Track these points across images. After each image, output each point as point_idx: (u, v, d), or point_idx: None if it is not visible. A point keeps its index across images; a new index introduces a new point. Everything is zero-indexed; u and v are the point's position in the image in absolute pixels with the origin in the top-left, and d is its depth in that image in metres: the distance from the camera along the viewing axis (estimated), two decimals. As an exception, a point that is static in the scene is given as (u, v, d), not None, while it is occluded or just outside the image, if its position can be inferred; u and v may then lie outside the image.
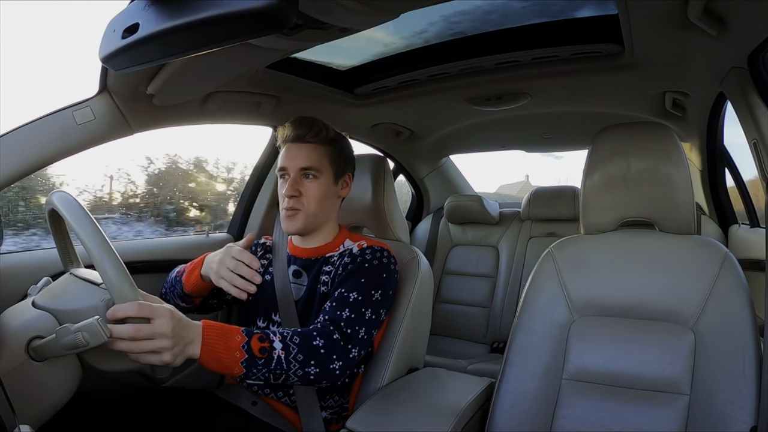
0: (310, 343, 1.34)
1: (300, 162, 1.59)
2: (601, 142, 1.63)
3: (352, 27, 1.21)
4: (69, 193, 1.22)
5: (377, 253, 1.58)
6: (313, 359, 1.33)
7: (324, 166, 1.61)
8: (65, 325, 1.04)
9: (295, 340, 1.32)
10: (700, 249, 1.48)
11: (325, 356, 1.35)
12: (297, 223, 1.60)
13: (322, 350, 1.35)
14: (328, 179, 1.63)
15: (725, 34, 1.43)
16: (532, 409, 1.48)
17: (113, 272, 1.12)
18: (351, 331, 1.42)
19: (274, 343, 1.29)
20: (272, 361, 1.27)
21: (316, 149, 1.61)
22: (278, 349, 1.29)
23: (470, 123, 2.87)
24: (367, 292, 1.49)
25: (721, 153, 2.44)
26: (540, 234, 3.37)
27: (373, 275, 1.54)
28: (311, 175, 1.60)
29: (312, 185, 1.60)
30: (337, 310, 1.45)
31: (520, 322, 1.59)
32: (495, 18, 1.84)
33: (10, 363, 1.05)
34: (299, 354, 1.31)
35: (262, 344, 1.27)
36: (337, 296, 1.49)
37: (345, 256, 1.60)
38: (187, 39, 0.94)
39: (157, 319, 1.12)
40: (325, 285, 1.59)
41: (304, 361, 1.32)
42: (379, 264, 1.57)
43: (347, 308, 1.45)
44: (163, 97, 1.64)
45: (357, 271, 1.54)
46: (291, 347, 1.31)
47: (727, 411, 1.28)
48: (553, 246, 1.65)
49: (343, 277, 1.54)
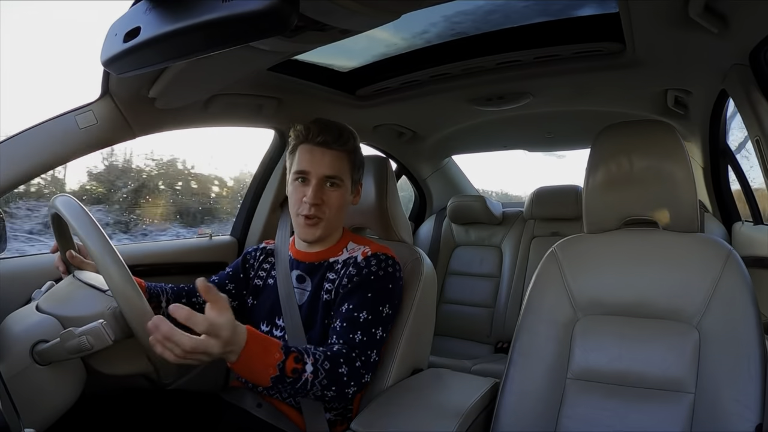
0: (337, 370, 1.34)
1: (325, 170, 1.56)
2: (604, 140, 1.63)
3: (353, 28, 1.21)
4: (73, 198, 1.22)
5: (382, 263, 1.57)
6: (335, 385, 1.33)
7: (345, 175, 1.59)
8: (69, 329, 1.05)
9: (326, 365, 1.32)
10: (703, 247, 1.47)
11: (345, 382, 1.36)
12: (317, 231, 1.58)
13: (344, 377, 1.35)
14: (347, 188, 1.61)
15: (727, 31, 1.43)
16: (536, 408, 1.48)
17: (118, 277, 1.12)
18: (365, 357, 1.42)
19: (306, 365, 1.28)
20: (299, 382, 1.27)
21: (341, 158, 1.58)
22: (308, 372, 1.28)
23: (472, 123, 2.88)
24: (375, 309, 1.48)
25: (724, 150, 2.43)
26: (543, 233, 3.37)
27: (380, 288, 1.53)
28: (335, 183, 1.57)
29: (334, 194, 1.57)
30: (349, 333, 1.44)
31: (524, 322, 1.59)
32: (496, 18, 1.84)
33: (14, 367, 1.06)
34: (325, 379, 1.31)
35: (295, 365, 1.26)
36: (345, 314, 1.48)
37: (350, 266, 1.58)
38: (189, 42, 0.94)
39: (212, 339, 1.09)
40: (329, 293, 1.58)
41: (327, 386, 1.32)
42: (385, 275, 1.55)
43: (359, 330, 1.44)
44: (165, 100, 1.64)
45: (362, 284, 1.52)
46: (320, 372, 1.30)
47: (731, 409, 1.27)
48: (556, 245, 1.65)
49: (349, 289, 1.52)
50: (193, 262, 2.19)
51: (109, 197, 3.03)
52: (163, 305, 1.62)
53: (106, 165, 3.04)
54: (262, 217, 2.48)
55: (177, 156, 3.35)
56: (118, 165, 3.09)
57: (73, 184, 2.93)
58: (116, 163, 3.08)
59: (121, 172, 3.09)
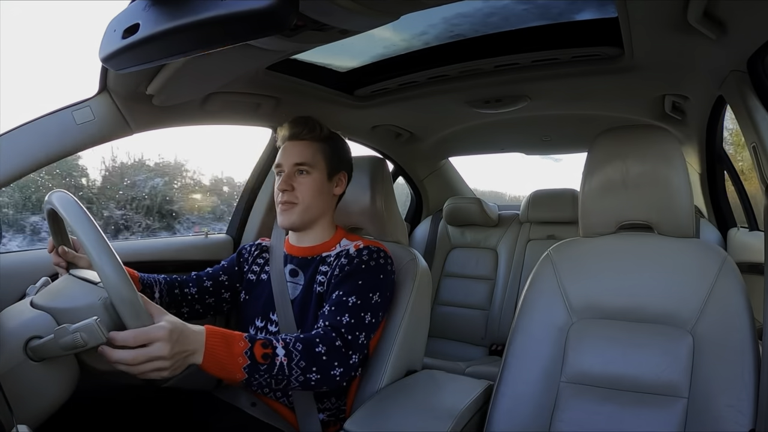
0: (313, 350, 1.34)
1: (294, 158, 1.63)
2: (601, 144, 1.63)
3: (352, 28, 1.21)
4: (68, 193, 1.22)
5: (374, 254, 1.59)
6: (315, 366, 1.33)
7: (317, 162, 1.64)
8: (63, 326, 1.04)
9: (298, 346, 1.32)
10: (699, 252, 1.48)
11: (326, 363, 1.35)
12: (291, 216, 1.63)
13: (324, 357, 1.35)
14: (322, 175, 1.65)
15: (725, 37, 1.43)
16: (530, 411, 1.48)
17: (111, 272, 1.11)
18: (351, 337, 1.42)
19: (277, 349, 1.29)
20: (274, 368, 1.27)
21: (310, 146, 1.65)
22: (281, 356, 1.28)
23: (470, 125, 2.88)
24: (365, 295, 1.50)
25: (720, 156, 2.44)
26: (539, 236, 3.37)
27: (371, 277, 1.54)
28: (305, 170, 1.63)
29: (305, 180, 1.63)
30: (336, 315, 1.45)
31: (519, 324, 1.59)
32: (495, 20, 1.84)
33: (7, 363, 1.05)
34: (301, 361, 1.31)
35: (265, 350, 1.27)
36: (335, 299, 1.49)
37: (342, 257, 1.60)
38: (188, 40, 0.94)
39: (154, 343, 1.10)
40: (321, 285, 1.60)
41: (306, 368, 1.32)
42: (376, 265, 1.57)
43: (347, 313, 1.45)
44: (163, 97, 1.64)
45: (354, 273, 1.54)
46: (294, 354, 1.30)
47: (725, 414, 1.28)
48: (551, 249, 1.66)
49: (339, 278, 1.54)
50: (188, 259, 2.19)
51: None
52: (156, 296, 1.64)
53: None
54: (258, 216, 2.48)
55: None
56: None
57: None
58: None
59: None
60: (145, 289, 1.62)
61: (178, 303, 1.71)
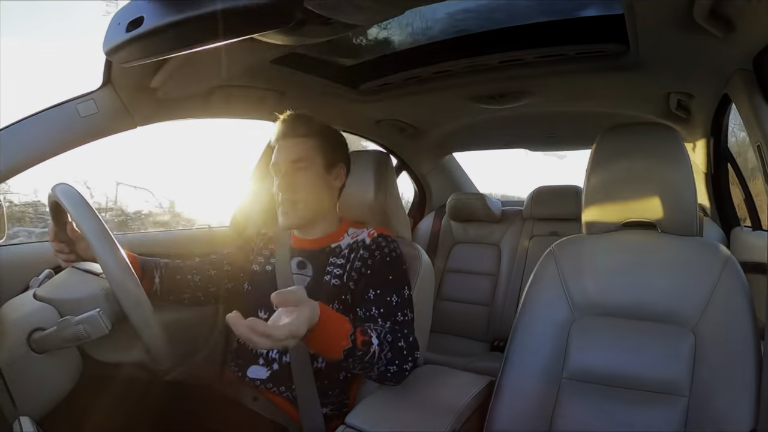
0: (397, 343, 1.39)
1: (289, 156, 1.63)
2: (605, 142, 1.63)
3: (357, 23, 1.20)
4: (72, 186, 1.22)
5: (391, 244, 1.62)
6: (398, 359, 1.39)
7: (312, 157, 1.64)
8: (66, 318, 1.05)
9: (388, 338, 1.37)
10: (702, 251, 1.48)
11: (404, 358, 1.41)
12: (293, 217, 1.63)
13: (404, 351, 1.40)
14: (318, 169, 1.65)
15: (731, 35, 1.43)
16: (531, 408, 1.48)
17: (115, 265, 1.12)
18: (411, 336, 1.47)
19: (372, 338, 1.33)
20: (367, 355, 1.31)
21: (304, 142, 1.64)
22: (375, 345, 1.32)
23: (474, 121, 2.87)
24: (401, 292, 1.54)
25: (725, 155, 2.43)
26: (542, 233, 3.36)
27: (398, 269, 1.58)
28: (301, 167, 1.62)
29: (303, 176, 1.62)
30: (391, 315, 1.49)
31: (521, 321, 1.59)
32: (500, 16, 1.84)
33: (11, 355, 1.06)
34: (389, 352, 1.36)
35: (363, 337, 1.30)
36: (375, 300, 1.51)
37: (359, 248, 1.61)
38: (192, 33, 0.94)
39: (287, 331, 1.10)
40: (337, 278, 1.60)
41: (391, 360, 1.37)
42: (397, 255, 1.61)
43: (398, 312, 1.50)
44: (167, 90, 1.64)
45: (381, 267, 1.57)
46: (384, 345, 1.35)
47: (725, 413, 1.28)
48: (554, 245, 1.65)
49: (369, 276, 1.56)
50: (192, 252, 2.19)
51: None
52: (157, 281, 1.65)
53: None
54: (261, 209, 2.48)
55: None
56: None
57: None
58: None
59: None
60: (144, 273, 1.62)
61: (180, 289, 1.71)
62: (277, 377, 1.55)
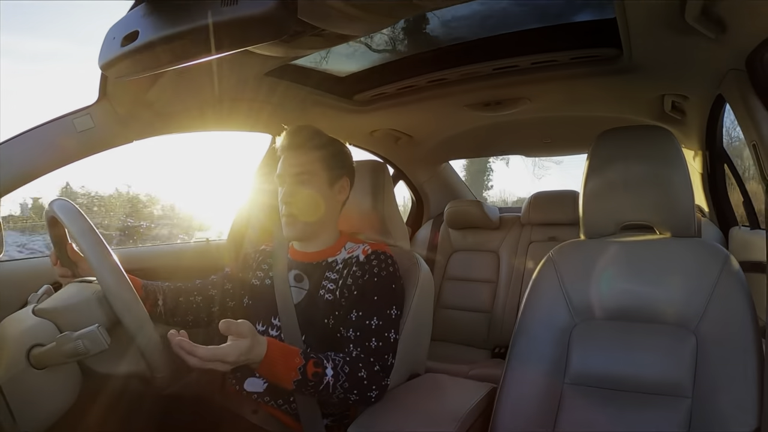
0: (356, 374, 1.40)
1: (293, 168, 1.61)
2: (601, 145, 1.63)
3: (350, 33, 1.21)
4: (69, 201, 1.22)
5: (382, 263, 1.59)
6: (357, 389, 1.41)
7: (316, 171, 1.61)
8: (66, 333, 1.05)
9: (345, 369, 1.38)
10: (700, 251, 1.48)
11: (366, 386, 1.42)
12: (295, 229, 1.61)
13: (365, 381, 1.42)
14: (322, 183, 1.63)
15: (723, 36, 1.43)
16: (534, 413, 1.47)
17: (113, 280, 1.12)
18: (382, 362, 1.47)
19: (327, 369, 1.36)
20: (320, 385, 1.34)
21: (308, 154, 1.61)
22: (329, 376, 1.35)
23: (469, 128, 2.88)
24: (384, 313, 1.52)
25: (721, 155, 2.44)
26: (540, 239, 3.36)
27: (385, 290, 1.56)
28: (305, 179, 1.60)
29: (306, 189, 1.60)
30: (365, 341, 1.48)
31: (521, 326, 1.59)
32: (493, 23, 1.85)
33: (10, 371, 1.06)
34: (346, 382, 1.37)
35: (316, 369, 1.34)
36: (356, 322, 1.50)
37: (352, 265, 1.59)
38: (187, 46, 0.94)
39: (227, 351, 1.22)
40: (331, 293, 1.58)
41: (349, 389, 1.39)
42: (387, 275, 1.57)
43: (373, 337, 1.48)
44: (163, 104, 1.64)
45: (368, 288, 1.54)
46: (340, 375, 1.37)
47: (729, 413, 1.27)
48: (553, 250, 1.65)
49: (356, 296, 1.54)
50: (190, 265, 2.19)
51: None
52: (160, 303, 1.64)
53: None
54: (259, 221, 2.48)
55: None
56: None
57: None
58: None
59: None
60: (148, 296, 1.61)
61: (183, 311, 1.70)
62: (274, 390, 1.53)
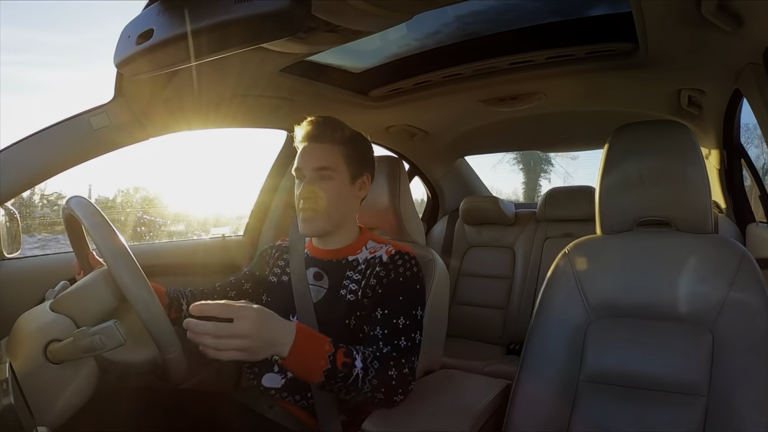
0: (386, 372, 1.36)
1: (315, 162, 1.56)
2: (617, 141, 1.62)
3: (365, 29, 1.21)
4: (86, 198, 1.23)
5: (407, 263, 1.56)
6: (384, 388, 1.35)
7: (339, 166, 1.58)
8: (82, 328, 1.06)
9: (375, 364, 1.34)
10: (717, 248, 1.46)
11: (394, 388, 1.37)
12: (314, 225, 1.57)
13: (393, 382, 1.37)
14: (344, 179, 1.59)
15: (740, 29, 1.42)
16: (548, 410, 1.47)
17: (129, 277, 1.13)
18: (411, 364, 1.43)
19: (356, 361, 1.30)
20: (350, 378, 1.29)
21: (332, 149, 1.58)
22: (358, 368, 1.30)
23: (485, 123, 2.87)
24: (411, 313, 1.49)
25: (738, 150, 2.41)
26: (556, 234, 3.35)
27: (411, 290, 1.54)
28: (327, 175, 1.56)
29: (327, 185, 1.56)
30: (393, 339, 1.44)
31: (537, 323, 1.58)
32: (509, 18, 1.84)
33: (28, 366, 1.07)
34: (375, 379, 1.33)
35: (345, 359, 1.28)
36: (382, 320, 1.47)
37: (376, 265, 1.57)
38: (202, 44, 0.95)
39: (239, 320, 1.13)
40: (353, 293, 1.56)
41: (377, 387, 1.33)
42: (412, 275, 1.55)
43: (402, 336, 1.45)
44: (178, 101, 1.65)
45: (394, 287, 1.52)
46: (369, 370, 1.32)
47: (744, 412, 1.26)
48: (569, 247, 1.64)
49: (381, 294, 1.52)
50: (205, 261, 2.20)
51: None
52: (184, 308, 1.64)
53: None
54: (275, 217, 2.49)
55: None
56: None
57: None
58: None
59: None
60: (171, 302, 1.62)
61: None
62: (292, 385, 1.53)
